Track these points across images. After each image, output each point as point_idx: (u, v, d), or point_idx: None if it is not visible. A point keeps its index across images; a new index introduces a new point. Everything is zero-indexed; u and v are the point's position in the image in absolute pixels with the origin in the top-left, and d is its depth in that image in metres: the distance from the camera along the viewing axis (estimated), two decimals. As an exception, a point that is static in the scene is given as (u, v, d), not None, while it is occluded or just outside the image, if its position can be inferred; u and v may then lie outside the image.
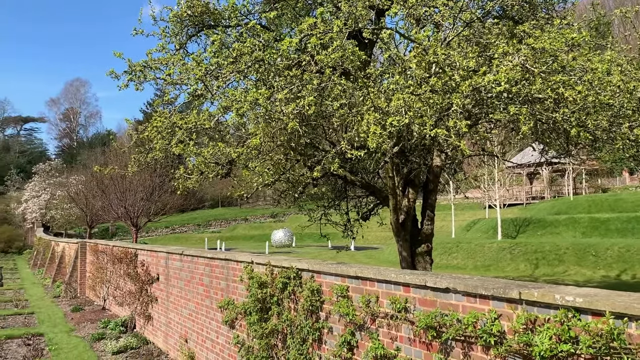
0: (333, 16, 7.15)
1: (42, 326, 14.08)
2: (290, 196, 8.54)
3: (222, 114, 7.67)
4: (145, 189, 28.11)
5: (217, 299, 8.46)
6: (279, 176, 7.85)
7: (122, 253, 14.36)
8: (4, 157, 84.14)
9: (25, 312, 16.52)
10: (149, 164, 9.92)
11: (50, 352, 11.14)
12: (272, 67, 6.73)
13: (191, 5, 8.04)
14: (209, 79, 6.81)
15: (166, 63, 8.32)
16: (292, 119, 6.09)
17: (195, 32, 8.55)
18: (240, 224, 61.22)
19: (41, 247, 33.68)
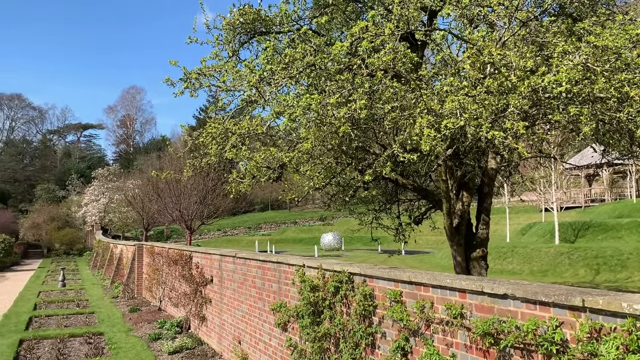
0: (384, 19, 7.12)
1: (102, 325, 14.63)
2: (341, 200, 8.54)
3: (273, 119, 7.77)
4: (198, 193, 28.81)
5: (270, 301, 8.55)
6: (330, 180, 7.88)
7: (178, 255, 14.75)
8: (65, 162, 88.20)
9: (86, 311, 17.22)
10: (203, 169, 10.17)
11: (110, 351, 11.56)
12: (323, 71, 6.77)
13: (243, 13, 8.18)
14: (262, 85, 6.90)
15: (220, 70, 8.52)
16: (343, 123, 6.10)
17: (247, 39, 8.69)
18: (290, 227, 61.76)
19: (100, 249, 35.05)
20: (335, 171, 7.55)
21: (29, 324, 15.20)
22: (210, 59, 8.77)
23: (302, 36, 7.21)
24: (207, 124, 8.92)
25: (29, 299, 20.50)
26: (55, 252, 50.46)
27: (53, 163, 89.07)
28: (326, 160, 7.53)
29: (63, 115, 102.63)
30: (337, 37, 8.70)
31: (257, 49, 8.95)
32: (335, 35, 8.65)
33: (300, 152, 7.12)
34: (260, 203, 73.41)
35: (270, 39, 8.17)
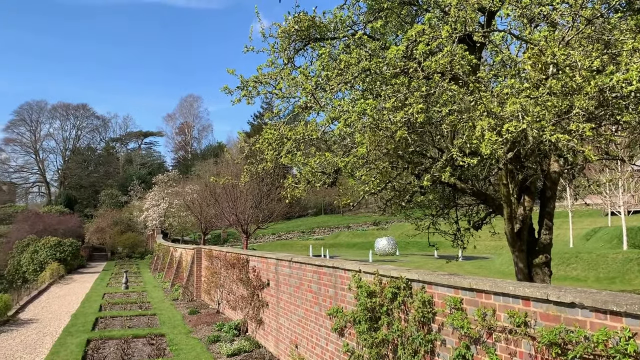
0: (440, 21, 7.02)
1: (163, 327, 15.10)
2: (397, 204, 8.46)
3: (328, 125, 7.81)
4: (254, 197, 29.29)
5: (326, 306, 8.57)
6: (385, 184, 7.83)
7: (235, 259, 15.04)
8: (127, 169, 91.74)
9: (148, 313, 17.82)
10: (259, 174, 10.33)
11: (171, 352, 11.91)
12: (378, 76, 6.74)
13: (298, 20, 8.27)
14: (317, 91, 6.95)
15: (275, 77, 8.65)
16: (400, 127, 6.05)
17: (302, 45, 8.78)
18: (343, 231, 61.75)
19: (161, 252, 36.22)
20: (391, 176, 7.49)
21: (95, 325, 15.88)
22: (266, 67, 8.92)
23: (356, 41, 7.22)
24: (264, 130, 9.07)
25: (94, 301, 21.43)
26: (119, 255, 52.53)
27: (116, 169, 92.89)
28: (381, 165, 7.49)
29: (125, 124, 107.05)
30: (391, 40, 8.65)
31: (311, 55, 9.03)
32: (390, 39, 8.60)
33: (355, 157, 7.13)
34: (314, 207, 73.82)
35: (325, 45, 8.23)
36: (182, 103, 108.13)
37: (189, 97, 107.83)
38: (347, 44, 7.67)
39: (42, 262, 34.50)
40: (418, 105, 5.93)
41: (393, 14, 8.37)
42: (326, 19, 8.64)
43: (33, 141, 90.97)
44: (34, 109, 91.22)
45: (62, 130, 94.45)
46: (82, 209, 78.24)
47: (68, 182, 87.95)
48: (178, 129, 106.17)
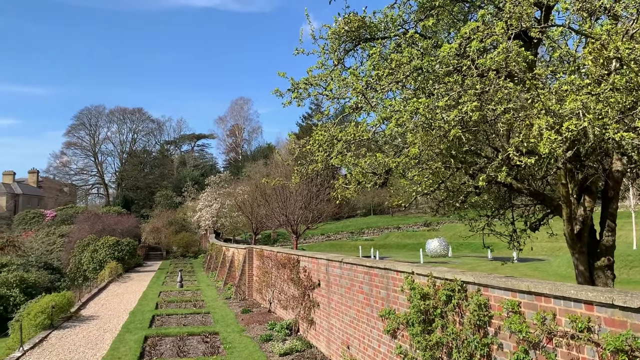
0: (494, 18, 6.86)
1: (216, 325, 15.42)
2: (451, 205, 8.31)
3: (379, 125, 7.76)
4: (303, 198, 29.49)
5: (378, 307, 8.52)
6: (438, 185, 7.71)
7: (286, 259, 15.18)
8: (181, 170, 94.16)
9: (202, 311, 18.25)
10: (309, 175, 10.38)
11: (225, 350, 12.15)
12: (430, 74, 6.65)
13: (348, 21, 8.26)
14: (368, 92, 6.92)
15: (325, 79, 8.66)
16: (453, 126, 5.95)
17: (352, 46, 8.76)
18: (393, 232, 61.20)
19: (213, 252, 36.98)
20: (444, 176, 7.37)
21: (152, 322, 16.40)
22: (316, 69, 8.95)
23: (408, 40, 7.14)
24: (314, 131, 9.11)
25: (151, 299, 22.13)
26: (173, 255, 53.97)
27: (170, 171, 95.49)
28: (434, 165, 7.38)
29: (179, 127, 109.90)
30: (443, 38, 8.51)
31: (361, 55, 9.00)
32: (442, 37, 8.46)
33: (407, 157, 7.05)
34: (363, 208, 73.50)
35: (376, 45, 8.18)
36: (232, 106, 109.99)
37: (239, 99, 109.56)
38: (398, 43, 7.60)
39: (102, 261, 35.89)
40: (472, 104, 5.81)
41: (445, 12, 8.23)
42: (376, 18, 8.59)
43: (92, 144, 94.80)
44: (92, 114, 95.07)
45: (119, 134, 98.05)
46: (138, 209, 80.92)
47: (125, 184, 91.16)
48: (229, 131, 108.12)
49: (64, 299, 17.58)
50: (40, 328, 15.49)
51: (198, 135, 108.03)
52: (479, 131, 7.31)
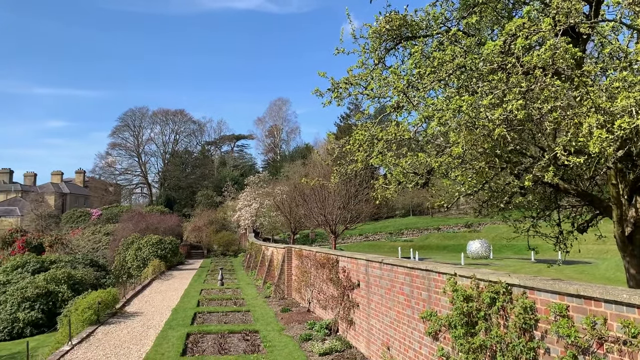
0: (541, 14, 6.68)
1: (256, 324, 15.57)
2: (495, 206, 8.14)
3: (421, 124, 7.68)
4: (341, 198, 29.46)
5: (419, 309, 8.43)
6: (482, 185, 7.57)
7: (324, 259, 15.19)
8: (221, 171, 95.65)
9: (242, 309, 18.46)
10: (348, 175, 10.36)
11: (265, 349, 12.25)
12: (474, 72, 6.53)
13: (389, 20, 8.21)
14: (410, 90, 6.85)
15: (365, 78, 8.63)
16: (498, 125, 5.82)
17: (393, 45, 8.70)
18: (433, 233, 60.43)
19: (253, 251, 37.37)
20: (488, 176, 7.22)
21: (193, 319, 16.70)
22: (357, 68, 8.93)
23: (450, 38, 7.03)
24: (354, 131, 9.09)
25: (193, 296, 22.54)
26: (214, 253, 54.88)
27: (211, 171, 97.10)
28: (477, 165, 7.25)
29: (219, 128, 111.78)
30: (487, 36, 8.35)
31: (402, 54, 8.93)
32: (485, 35, 8.30)
33: (450, 157, 6.95)
34: (402, 208, 72.87)
35: (417, 43, 8.09)
36: (271, 106, 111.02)
37: (278, 100, 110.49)
38: (440, 41, 7.49)
39: (145, 259, 36.80)
40: (517, 102, 5.68)
41: (488, 9, 8.08)
42: (418, 17, 8.50)
43: (136, 145, 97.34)
44: (136, 115, 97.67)
45: (162, 135, 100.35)
46: (180, 208, 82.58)
47: (167, 184, 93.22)
48: (267, 131, 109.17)
49: (110, 296, 18.09)
50: (87, 323, 16.00)
51: (237, 136, 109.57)
52: (524, 130, 7.14)
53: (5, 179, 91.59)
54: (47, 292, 27.49)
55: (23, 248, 49.09)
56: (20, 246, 49.97)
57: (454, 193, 7.73)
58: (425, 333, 7.99)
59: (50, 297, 27.42)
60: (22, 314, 26.17)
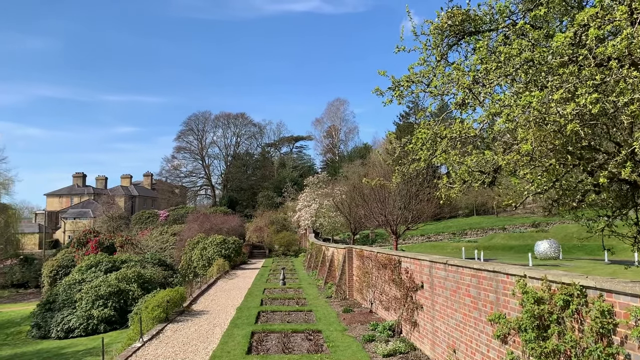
0: (615, 2, 6.34)
1: (319, 324, 15.65)
2: (566, 205, 7.79)
3: (486, 121, 7.46)
4: (402, 198, 29.10)
5: (486, 311, 8.20)
6: (553, 183, 7.26)
7: (386, 259, 15.07)
8: (281, 172, 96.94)
9: (304, 309, 18.61)
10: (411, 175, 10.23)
11: (328, 349, 12.29)
12: (543, 66, 6.28)
13: (451, 15, 8.04)
14: (476, 87, 6.67)
15: (427, 75, 8.49)
16: (570, 120, 5.57)
17: (455, 41, 8.52)
18: (498, 233, 58.61)
19: (313, 251, 37.61)
20: (558, 173, 6.92)
21: (257, 318, 16.99)
22: (418, 65, 8.80)
23: (517, 31, 6.79)
24: (416, 129, 8.97)
25: (256, 295, 22.95)
26: (275, 253, 55.66)
27: (271, 173, 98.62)
28: (547, 162, 6.96)
29: (278, 130, 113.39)
30: (555, 28, 8.01)
31: (466, 50, 8.73)
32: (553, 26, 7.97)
33: (518, 154, 6.71)
34: (465, 208, 71.18)
35: (481, 38, 7.88)
36: (329, 107, 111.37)
37: (336, 101, 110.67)
38: (506, 35, 7.26)
39: (210, 258, 37.82)
40: (591, 96, 5.41)
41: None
42: (481, 11, 8.28)
43: (200, 148, 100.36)
44: (200, 119, 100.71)
45: (224, 138, 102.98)
46: (242, 209, 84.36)
47: (230, 185, 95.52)
48: (326, 132, 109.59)
49: (177, 294, 18.71)
50: (156, 321, 16.62)
51: (296, 137, 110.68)
52: (598, 125, 6.80)
53: (79, 182, 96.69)
54: (119, 290, 28.80)
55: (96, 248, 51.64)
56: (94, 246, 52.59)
57: (522, 192, 7.47)
58: (494, 336, 7.77)
59: (121, 295, 28.71)
60: (96, 311, 27.55)
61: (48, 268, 47.23)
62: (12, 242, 64.81)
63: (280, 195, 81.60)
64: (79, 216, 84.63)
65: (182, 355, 12.26)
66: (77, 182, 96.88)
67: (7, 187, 75.47)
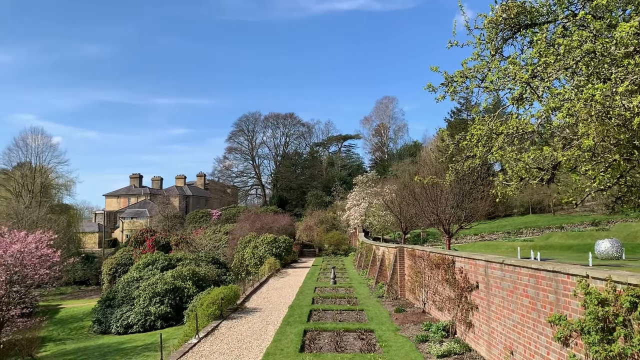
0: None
1: (371, 323, 15.58)
2: (632, 202, 7.44)
3: (545, 116, 7.23)
4: (455, 196, 28.54)
5: (545, 312, 7.94)
6: (617, 179, 6.95)
7: (439, 259, 14.83)
8: (329, 171, 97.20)
9: (356, 308, 18.57)
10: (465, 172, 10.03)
11: (381, 348, 12.22)
12: (606, 58, 6.01)
13: (506, 8, 7.84)
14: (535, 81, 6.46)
15: (482, 70, 8.30)
16: (637, 114, 5.31)
17: (510, 34, 8.30)
18: (555, 232, 56.54)
19: (363, 250, 37.49)
20: (623, 169, 6.62)
21: (309, 316, 17.09)
22: (472, 60, 8.62)
23: (577, 22, 6.54)
24: (470, 126, 8.79)
25: (307, 294, 23.09)
26: (325, 252, 55.82)
27: (320, 172, 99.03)
28: (611, 158, 6.67)
29: (326, 129, 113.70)
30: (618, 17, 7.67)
31: (521, 43, 8.48)
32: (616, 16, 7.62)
33: (579, 150, 6.47)
34: (520, 206, 69.04)
35: (538, 31, 7.64)
36: (377, 105, 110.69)
37: (384, 99, 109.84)
38: (564, 27, 7.00)
39: (261, 257, 38.35)
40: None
41: (618, -14, 7.41)
42: (537, 2, 8.02)
43: (250, 149, 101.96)
44: (250, 120, 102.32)
45: (273, 138, 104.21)
46: (291, 208, 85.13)
47: (279, 185, 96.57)
48: (374, 130, 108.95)
49: (231, 292, 19.07)
50: (211, 318, 17.00)
51: (344, 136, 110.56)
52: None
53: (136, 183, 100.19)
54: (175, 287, 29.63)
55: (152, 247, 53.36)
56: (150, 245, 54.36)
57: (583, 189, 7.19)
58: (554, 338, 7.51)
59: (177, 292, 29.53)
60: (153, 307, 28.44)
61: (107, 266, 49.19)
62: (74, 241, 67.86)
63: (329, 194, 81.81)
64: (135, 216, 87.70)
65: (237, 352, 12.48)
66: (134, 182, 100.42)
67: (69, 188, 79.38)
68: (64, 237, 54.71)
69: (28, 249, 22.66)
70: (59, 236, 38.12)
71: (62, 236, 49.39)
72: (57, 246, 29.25)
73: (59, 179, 78.61)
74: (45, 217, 54.53)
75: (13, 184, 71.14)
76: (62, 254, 25.74)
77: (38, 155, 75.43)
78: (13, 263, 21.77)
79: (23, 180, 70.69)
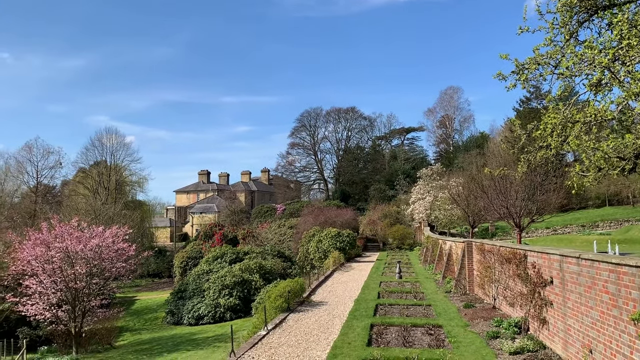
0: None
1: (439, 318, 15.32)
2: None
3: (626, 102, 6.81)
4: (525, 188, 27.49)
5: (628, 310, 7.50)
6: None
7: (510, 254, 14.35)
8: (392, 164, 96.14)
9: (423, 303, 18.31)
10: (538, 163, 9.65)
11: (450, 344, 11.99)
12: (697, 37, 5.58)
13: (582, -11, 7.43)
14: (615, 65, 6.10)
15: (555, 56, 7.94)
16: None
17: (587, 17, 7.87)
18: (635, 225, 53.24)
19: (429, 244, 36.87)
20: None
21: (375, 311, 17.03)
22: (544, 46, 8.26)
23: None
24: (544, 114, 8.44)
25: (373, 288, 23.01)
26: (389, 246, 55.35)
27: (382, 165, 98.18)
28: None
29: (389, 122, 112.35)
30: None
31: (599, 26, 8.03)
32: None
33: (666, 137, 6.05)
34: (596, 198, 65.53)
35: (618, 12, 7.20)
36: (441, 96, 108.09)
37: (449, 89, 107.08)
38: (648, 6, 6.56)
39: (326, 251, 38.58)
40: None
41: None
42: (617, -19, 7.56)
43: (312, 144, 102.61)
44: (312, 116, 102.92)
45: (335, 133, 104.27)
46: (354, 202, 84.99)
47: (342, 179, 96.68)
48: (438, 122, 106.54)
49: (297, 285, 19.32)
50: (279, 310, 17.30)
51: (407, 129, 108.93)
52: None
53: (204, 179, 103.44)
54: (242, 280, 30.40)
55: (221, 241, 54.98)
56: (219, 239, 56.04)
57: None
58: (637, 337, 7.09)
59: (244, 285, 30.29)
60: (222, 300, 29.32)
61: (179, 259, 51.12)
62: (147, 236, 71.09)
63: (392, 188, 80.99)
64: (204, 211, 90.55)
65: (305, 345, 12.63)
66: (202, 179, 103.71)
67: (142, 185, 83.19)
68: (138, 232, 57.33)
69: (106, 243, 23.93)
70: (134, 231, 39.97)
71: (136, 231, 51.74)
72: (132, 240, 30.73)
73: (132, 176, 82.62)
74: (120, 213, 57.31)
75: (90, 181, 75.37)
76: (136, 248, 27.01)
77: (113, 154, 79.48)
78: (92, 256, 23.06)
79: (99, 178, 74.72)
